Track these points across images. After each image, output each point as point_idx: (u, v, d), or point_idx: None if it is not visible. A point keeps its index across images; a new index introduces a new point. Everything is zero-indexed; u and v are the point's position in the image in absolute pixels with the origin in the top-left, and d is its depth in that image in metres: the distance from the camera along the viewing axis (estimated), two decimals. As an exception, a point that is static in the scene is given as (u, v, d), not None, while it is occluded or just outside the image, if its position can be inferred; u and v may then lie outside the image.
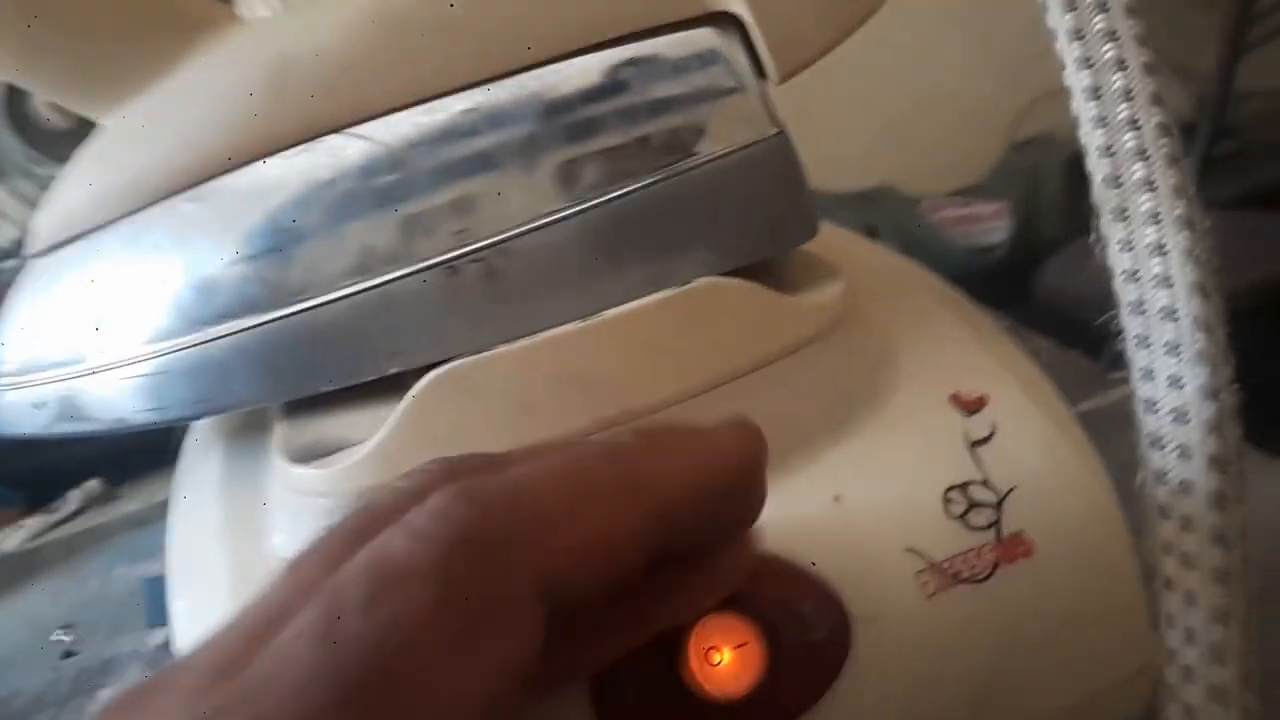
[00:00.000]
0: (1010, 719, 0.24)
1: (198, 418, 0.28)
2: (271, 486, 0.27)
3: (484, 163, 0.26)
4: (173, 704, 0.15)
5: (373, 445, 0.24)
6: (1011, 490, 0.25)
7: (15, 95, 1.02)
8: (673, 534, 0.19)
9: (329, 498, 0.24)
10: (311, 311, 0.26)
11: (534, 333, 0.25)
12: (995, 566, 0.24)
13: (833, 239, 0.31)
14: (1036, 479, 0.25)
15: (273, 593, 0.17)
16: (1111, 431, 0.26)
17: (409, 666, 0.15)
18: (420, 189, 0.26)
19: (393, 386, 0.27)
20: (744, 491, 0.20)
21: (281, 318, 0.26)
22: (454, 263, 0.26)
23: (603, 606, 0.18)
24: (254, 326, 0.26)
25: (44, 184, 1.18)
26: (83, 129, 0.99)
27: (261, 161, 0.27)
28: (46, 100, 1.03)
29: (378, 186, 0.26)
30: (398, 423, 0.23)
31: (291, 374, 0.26)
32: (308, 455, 0.25)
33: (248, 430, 0.31)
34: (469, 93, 0.26)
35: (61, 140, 1.11)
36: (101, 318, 0.28)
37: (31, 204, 1.13)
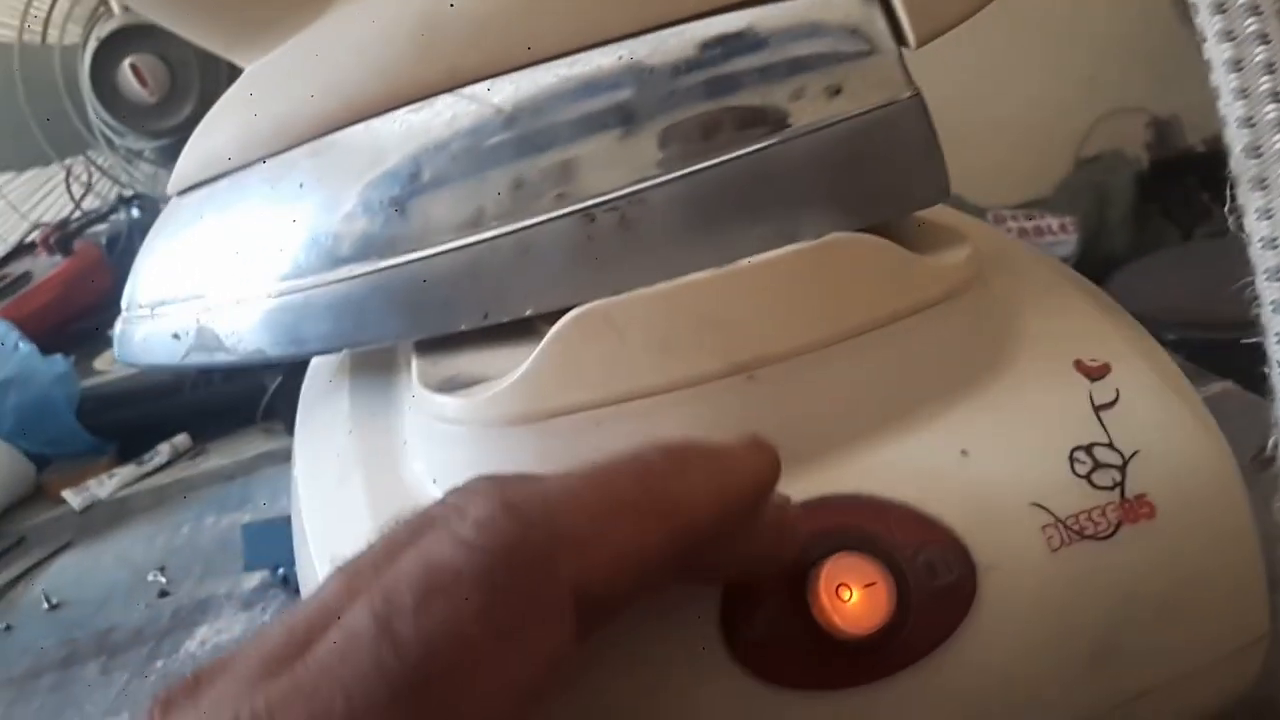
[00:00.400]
0: (1125, 679, 0.25)
1: (335, 351, 0.29)
2: (408, 419, 0.28)
3: (623, 115, 0.26)
4: (229, 694, 0.16)
5: (518, 375, 0.24)
6: (1136, 454, 0.25)
7: (103, 68, 1.05)
8: (695, 549, 0.20)
9: (474, 425, 0.25)
10: (452, 253, 0.27)
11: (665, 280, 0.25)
12: (1119, 526, 0.24)
13: (952, 217, 0.31)
14: (1160, 445, 0.25)
15: (323, 594, 0.18)
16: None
17: (456, 660, 0.16)
18: (562, 138, 0.26)
19: (523, 329, 0.28)
20: (756, 504, 0.22)
21: (422, 258, 0.27)
22: (591, 211, 0.26)
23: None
24: (395, 266, 0.27)
25: (127, 156, 1.21)
26: (168, 103, 1.00)
27: (405, 108, 0.28)
28: (140, 68, 1.06)
29: (521, 135, 0.26)
30: (542, 355, 0.24)
31: (430, 313, 0.27)
32: (448, 388, 0.26)
33: (371, 371, 0.32)
34: (610, 47, 0.27)
35: (148, 113, 1.14)
36: (244, 253, 0.29)
37: (112, 175, 1.16)
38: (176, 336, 0.31)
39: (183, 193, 0.32)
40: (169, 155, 1.14)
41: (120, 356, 0.34)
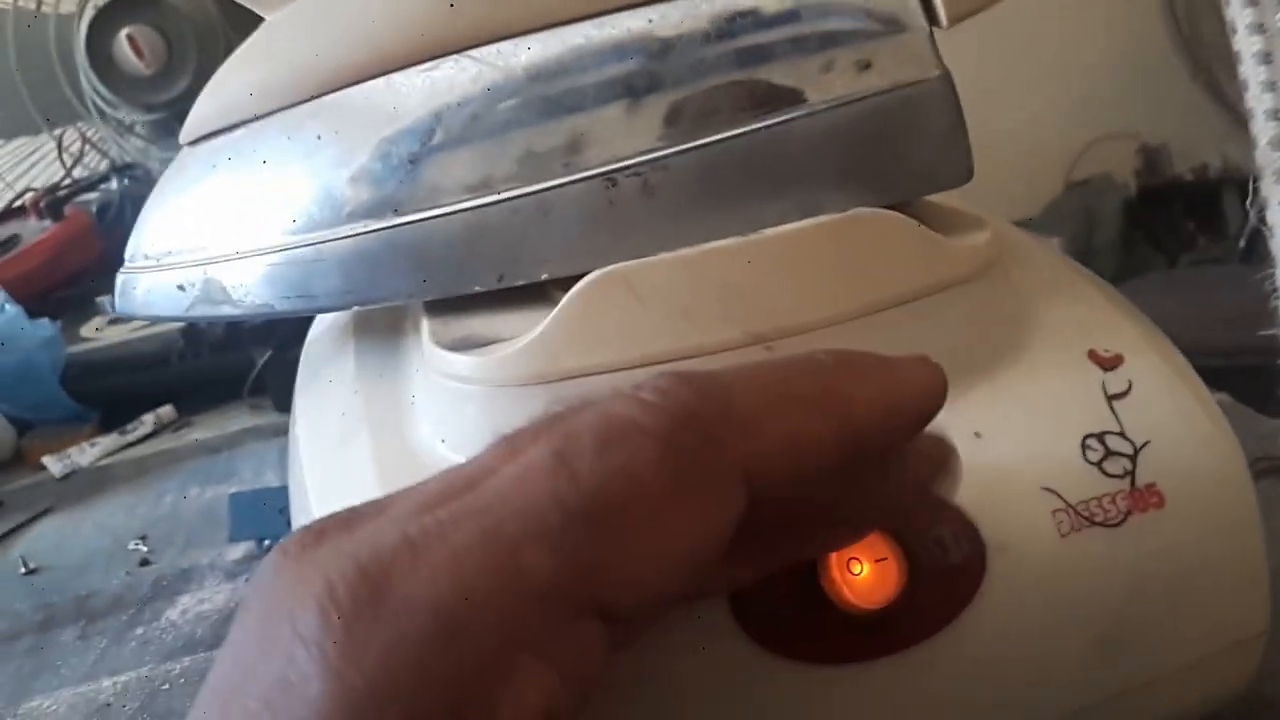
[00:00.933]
0: (1126, 667, 0.25)
1: (345, 308, 0.29)
2: (416, 379, 0.28)
3: (650, 80, 0.26)
4: (391, 521, 0.16)
5: (535, 335, 0.24)
6: (1147, 444, 0.25)
7: (98, 39, 1.04)
8: (861, 448, 0.19)
9: (487, 384, 0.25)
10: (470, 213, 0.26)
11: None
12: (1128, 514, 0.24)
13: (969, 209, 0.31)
14: (1171, 436, 0.25)
15: (483, 456, 0.18)
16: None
17: (631, 507, 0.16)
18: (587, 101, 0.26)
19: (535, 294, 0.27)
20: (923, 424, 0.21)
21: (439, 216, 0.27)
22: (613, 175, 0.26)
23: (782, 515, 0.19)
24: (411, 223, 0.27)
25: (120, 128, 1.20)
26: (163, 76, 0.99)
27: (427, 64, 0.27)
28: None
29: (545, 96, 0.26)
30: (560, 315, 0.24)
31: (444, 272, 0.27)
32: (461, 347, 0.26)
33: (376, 333, 0.32)
34: (640, 10, 0.27)
35: (142, 85, 1.13)
36: (256, 204, 0.29)
37: (102, 148, 1.15)
38: (182, 288, 0.30)
39: (194, 142, 0.31)
40: (161, 130, 1.13)
41: (121, 309, 0.33)
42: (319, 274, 0.28)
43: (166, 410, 0.71)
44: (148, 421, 0.70)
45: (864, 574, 0.22)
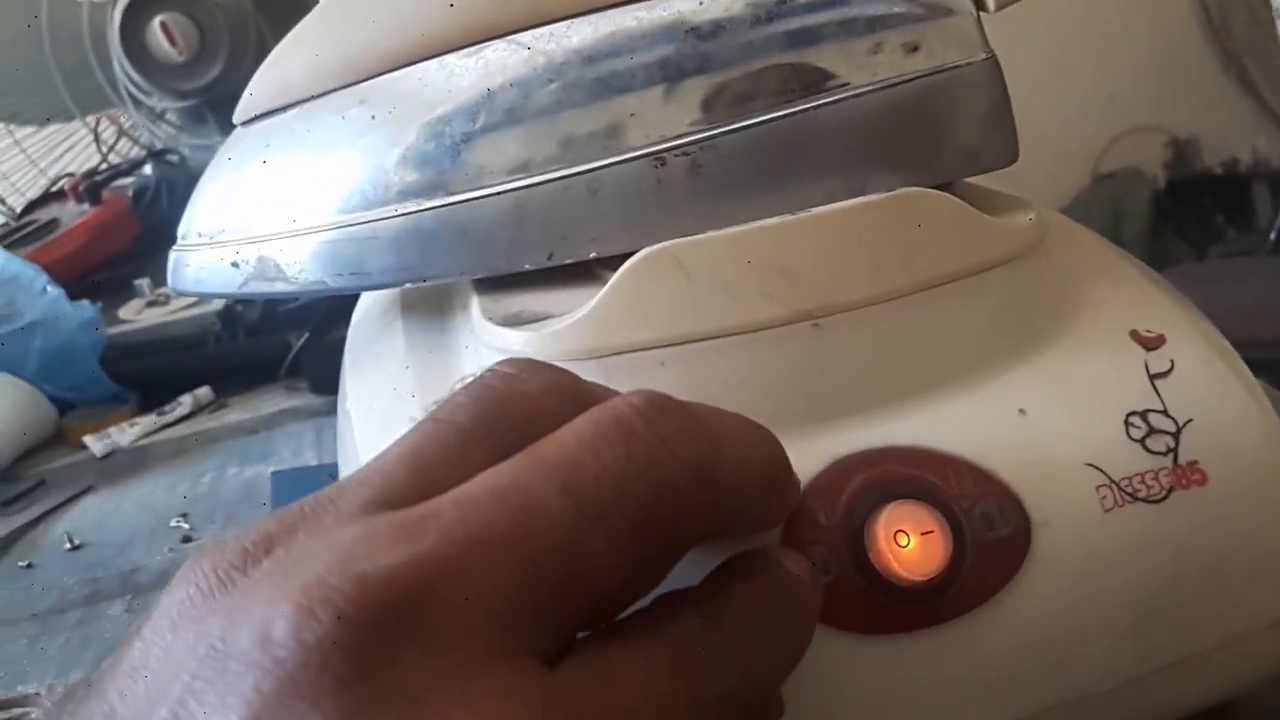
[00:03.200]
0: (1167, 643, 0.25)
1: (397, 285, 0.29)
2: (466, 356, 0.28)
3: (700, 61, 0.26)
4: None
5: (587, 310, 0.25)
6: (1189, 422, 0.25)
7: (132, 26, 1.05)
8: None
9: (539, 359, 0.25)
10: (521, 192, 0.27)
11: (732, 228, 0.26)
12: (1170, 490, 0.25)
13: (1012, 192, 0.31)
14: (1213, 414, 0.26)
15: (421, 440, 0.19)
16: None
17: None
18: (637, 82, 0.27)
19: (582, 274, 0.28)
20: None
21: (491, 195, 0.27)
22: (662, 155, 0.27)
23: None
24: (463, 202, 0.27)
25: (152, 116, 1.21)
26: (196, 64, 1.00)
27: (482, 44, 0.28)
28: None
29: (597, 76, 0.27)
30: (611, 292, 0.25)
31: (495, 251, 0.28)
32: (512, 324, 0.26)
33: (424, 312, 0.33)
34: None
35: (175, 73, 1.14)
36: (310, 183, 0.30)
37: (133, 134, 1.16)
38: (235, 265, 0.31)
39: (248, 122, 0.32)
40: (192, 117, 1.15)
41: (174, 286, 0.34)
42: (372, 252, 0.28)
43: (204, 392, 0.72)
44: (185, 403, 0.71)
45: (910, 546, 0.23)
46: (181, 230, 0.33)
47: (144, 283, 0.82)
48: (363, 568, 0.15)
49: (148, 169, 0.99)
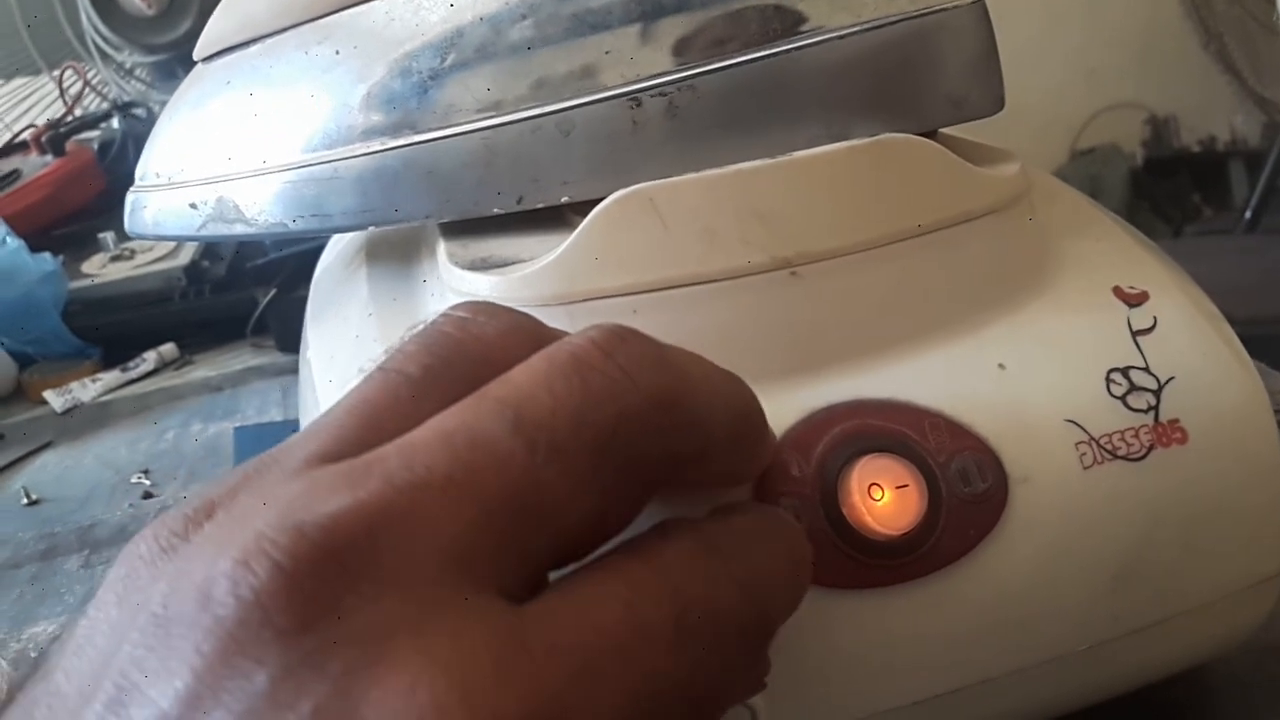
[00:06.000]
0: (1144, 603, 0.24)
1: (360, 228, 0.28)
2: (431, 302, 0.27)
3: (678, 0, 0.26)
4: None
5: (557, 255, 0.24)
6: (1171, 379, 0.25)
7: (100, -23, 1.03)
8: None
9: (507, 305, 0.24)
10: (490, 131, 0.26)
11: (708, 173, 0.25)
12: (1151, 448, 0.24)
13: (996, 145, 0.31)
14: (1195, 373, 0.25)
15: (370, 390, 0.18)
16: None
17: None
18: (612, 19, 0.26)
19: (552, 219, 0.27)
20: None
21: (459, 134, 0.26)
22: (637, 95, 0.26)
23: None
24: (430, 141, 0.26)
25: (121, 71, 1.19)
26: (166, 18, 0.98)
27: (451, -21, 0.27)
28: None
29: (571, 12, 0.26)
30: (582, 235, 0.24)
31: (462, 193, 0.27)
32: (480, 268, 0.25)
33: (389, 258, 0.32)
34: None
35: (145, 26, 1.11)
36: (272, 121, 0.29)
37: (101, 90, 1.13)
38: (194, 206, 0.30)
39: (208, 59, 0.31)
40: (162, 72, 1.12)
41: (130, 228, 0.33)
42: (335, 192, 0.27)
43: (168, 348, 0.71)
44: (149, 359, 0.69)
45: (885, 500, 0.22)
46: (139, 171, 0.32)
47: (108, 236, 0.80)
48: (300, 517, 0.14)
49: (114, 122, 0.96)
